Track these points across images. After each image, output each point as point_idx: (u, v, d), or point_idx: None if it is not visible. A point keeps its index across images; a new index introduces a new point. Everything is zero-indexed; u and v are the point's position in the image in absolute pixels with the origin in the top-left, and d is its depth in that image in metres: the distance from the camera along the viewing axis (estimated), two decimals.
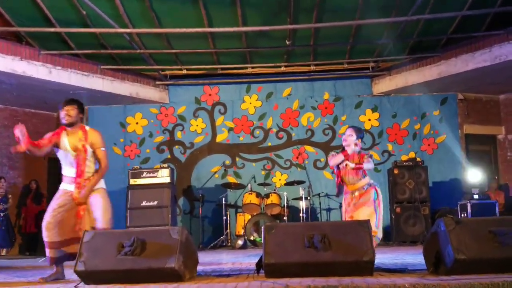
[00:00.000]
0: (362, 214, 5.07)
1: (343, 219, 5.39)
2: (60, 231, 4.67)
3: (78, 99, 4.98)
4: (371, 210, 5.18)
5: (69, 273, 5.16)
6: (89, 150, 4.84)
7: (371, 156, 5.42)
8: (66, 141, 4.80)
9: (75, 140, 4.80)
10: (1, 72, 8.77)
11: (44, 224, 4.66)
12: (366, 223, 4.06)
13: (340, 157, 5.35)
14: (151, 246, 4.08)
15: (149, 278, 4.00)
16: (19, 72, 8.94)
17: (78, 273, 4.08)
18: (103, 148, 4.94)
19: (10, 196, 10.41)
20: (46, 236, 4.63)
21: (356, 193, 5.27)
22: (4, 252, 10.15)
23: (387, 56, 10.23)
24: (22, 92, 9.97)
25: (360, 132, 5.46)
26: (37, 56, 9.18)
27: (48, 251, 4.66)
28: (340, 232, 4.03)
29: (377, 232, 5.08)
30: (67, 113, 4.79)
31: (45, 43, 9.42)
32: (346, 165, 5.32)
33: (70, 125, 4.81)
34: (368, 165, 5.31)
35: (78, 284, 4.05)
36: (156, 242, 4.11)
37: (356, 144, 5.34)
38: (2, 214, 10.18)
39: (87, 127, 4.93)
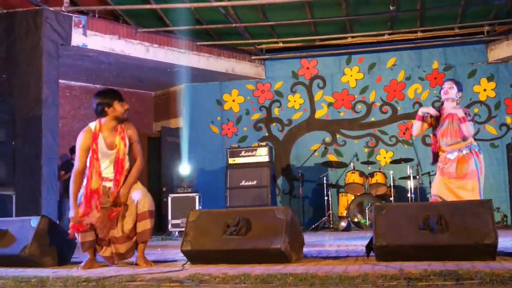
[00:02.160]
0: (464, 190, 4.95)
1: (437, 178, 5.24)
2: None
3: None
4: (474, 183, 5.02)
5: (175, 253, 5.44)
6: (128, 144, 4.59)
7: (473, 119, 5.21)
8: (102, 141, 4.51)
9: (112, 136, 4.53)
10: (101, 52, 9.26)
11: None
12: (488, 203, 3.90)
13: (417, 125, 5.33)
14: (256, 226, 4.19)
15: (255, 259, 4.12)
16: (117, 51, 9.40)
17: (185, 252, 4.27)
18: (139, 143, 4.67)
19: None
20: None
21: (454, 155, 5.12)
22: None
23: (505, 18, 9.64)
24: (120, 71, 10.50)
25: (460, 84, 5.34)
26: (134, 34, 9.60)
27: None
28: (458, 213, 3.91)
29: None
30: (127, 108, 4.60)
31: (141, 21, 9.82)
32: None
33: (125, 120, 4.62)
34: (469, 126, 5.05)
35: (185, 264, 4.23)
36: (261, 222, 4.21)
37: (457, 101, 5.22)
38: None
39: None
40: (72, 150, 8.91)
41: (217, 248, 4.21)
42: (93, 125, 4.55)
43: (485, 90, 10.34)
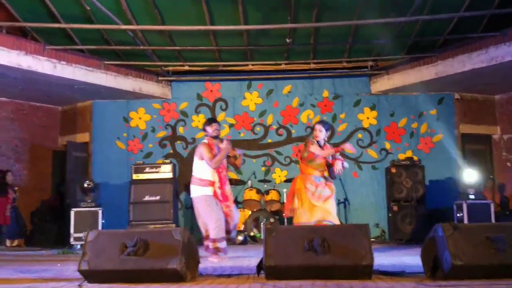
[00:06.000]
0: (330, 207, 5.87)
1: (307, 204, 5.97)
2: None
3: None
4: (334, 203, 5.96)
5: (74, 269, 5.16)
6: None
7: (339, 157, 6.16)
8: (217, 149, 6.08)
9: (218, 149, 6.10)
10: (7, 66, 8.69)
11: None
12: (365, 227, 4.04)
13: (331, 151, 6.04)
14: (153, 247, 4.07)
15: (151, 279, 3.99)
16: (24, 67, 8.87)
17: (82, 272, 4.06)
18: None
19: (16, 188, 10.31)
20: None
21: (320, 180, 6.02)
22: (16, 242, 10.04)
23: (386, 55, 10.18)
24: (27, 86, 9.93)
25: (326, 124, 6.24)
26: (42, 51, 9.11)
27: None
28: (339, 236, 4.01)
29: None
30: (218, 128, 6.19)
31: (50, 38, 9.37)
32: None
33: (217, 137, 6.21)
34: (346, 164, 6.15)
35: (81, 283, 4.03)
36: (158, 242, 4.09)
37: (326, 139, 6.18)
38: (9, 206, 10.04)
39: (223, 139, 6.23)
40: None
41: (115, 268, 4.03)
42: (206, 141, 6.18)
43: (368, 118, 10.80)
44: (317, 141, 6.10)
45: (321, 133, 6.09)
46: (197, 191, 6.11)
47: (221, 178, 6.08)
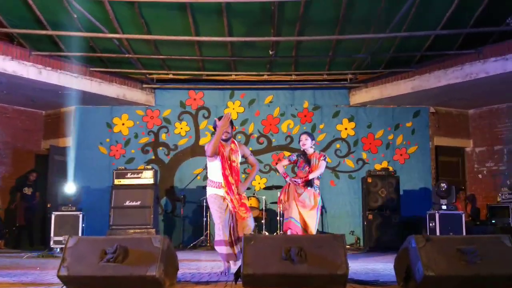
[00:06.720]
0: (311, 218, 5.81)
1: (284, 198, 6.19)
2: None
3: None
4: (316, 215, 5.89)
5: (53, 274, 5.09)
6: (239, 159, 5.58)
7: (325, 159, 6.15)
8: (227, 151, 5.47)
9: (229, 151, 5.48)
10: None
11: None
12: (341, 238, 4.05)
13: (281, 169, 6.31)
14: (133, 254, 4.01)
15: (131, 285, 3.93)
16: (9, 71, 8.78)
17: (60, 277, 3.99)
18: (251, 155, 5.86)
19: None
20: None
21: (311, 188, 5.94)
22: None
23: (365, 69, 10.29)
24: (12, 91, 9.80)
25: (312, 135, 6.30)
26: (27, 57, 9.02)
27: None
28: (316, 246, 4.01)
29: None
30: (226, 130, 5.43)
31: (36, 44, 9.26)
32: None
33: (227, 140, 5.50)
34: (316, 173, 6.01)
35: None
36: (138, 250, 4.04)
37: (313, 147, 6.17)
38: None
39: (235, 141, 5.64)
40: None
41: (94, 274, 3.97)
42: None
43: (346, 129, 10.88)
44: (304, 149, 6.15)
45: (307, 141, 6.13)
46: (208, 191, 5.60)
47: (228, 183, 5.35)
